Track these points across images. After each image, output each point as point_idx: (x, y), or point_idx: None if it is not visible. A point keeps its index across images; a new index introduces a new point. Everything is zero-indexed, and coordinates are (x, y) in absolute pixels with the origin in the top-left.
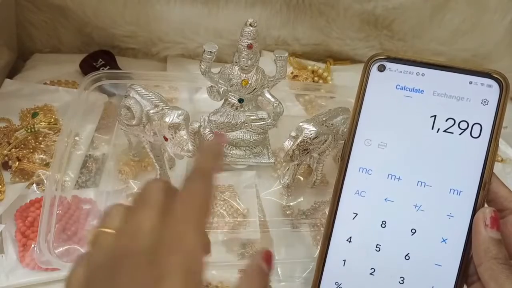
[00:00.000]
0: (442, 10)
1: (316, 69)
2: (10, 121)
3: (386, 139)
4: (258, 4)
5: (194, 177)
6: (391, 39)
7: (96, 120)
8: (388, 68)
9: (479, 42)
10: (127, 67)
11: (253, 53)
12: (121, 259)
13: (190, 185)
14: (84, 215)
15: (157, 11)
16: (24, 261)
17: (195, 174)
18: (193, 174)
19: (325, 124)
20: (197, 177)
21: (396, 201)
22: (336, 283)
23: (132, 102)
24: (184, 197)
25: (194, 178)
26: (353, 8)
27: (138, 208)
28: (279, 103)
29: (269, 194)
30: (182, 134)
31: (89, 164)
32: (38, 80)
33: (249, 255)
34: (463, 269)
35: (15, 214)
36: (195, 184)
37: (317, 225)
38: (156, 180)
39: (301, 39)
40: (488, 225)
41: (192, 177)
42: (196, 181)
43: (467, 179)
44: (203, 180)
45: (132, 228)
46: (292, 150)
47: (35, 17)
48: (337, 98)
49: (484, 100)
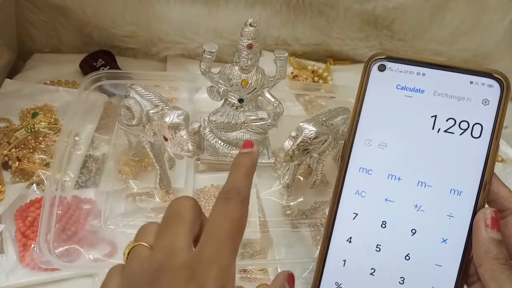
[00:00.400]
0: (442, 10)
1: (316, 69)
2: (10, 121)
3: (386, 139)
4: (258, 4)
5: (231, 197)
6: (391, 39)
7: (96, 120)
8: (388, 68)
9: (479, 42)
10: (127, 67)
11: (253, 53)
12: (159, 273)
13: (228, 206)
14: (84, 215)
15: (157, 11)
16: (24, 261)
17: (232, 194)
18: (230, 194)
19: (325, 124)
20: (234, 197)
21: (396, 201)
22: (336, 283)
23: (132, 102)
24: (221, 218)
25: (231, 199)
26: (353, 8)
27: (170, 226)
28: (279, 103)
29: (269, 194)
30: (182, 134)
31: (89, 164)
32: (38, 80)
33: (249, 255)
34: (463, 269)
35: (15, 214)
36: (232, 206)
37: (317, 225)
38: (185, 198)
39: (301, 39)
40: (488, 226)
41: (228, 197)
42: (232, 202)
43: (468, 179)
44: (239, 202)
45: (168, 243)
46: (292, 150)
47: (35, 17)
48: (337, 98)
49: (485, 100)
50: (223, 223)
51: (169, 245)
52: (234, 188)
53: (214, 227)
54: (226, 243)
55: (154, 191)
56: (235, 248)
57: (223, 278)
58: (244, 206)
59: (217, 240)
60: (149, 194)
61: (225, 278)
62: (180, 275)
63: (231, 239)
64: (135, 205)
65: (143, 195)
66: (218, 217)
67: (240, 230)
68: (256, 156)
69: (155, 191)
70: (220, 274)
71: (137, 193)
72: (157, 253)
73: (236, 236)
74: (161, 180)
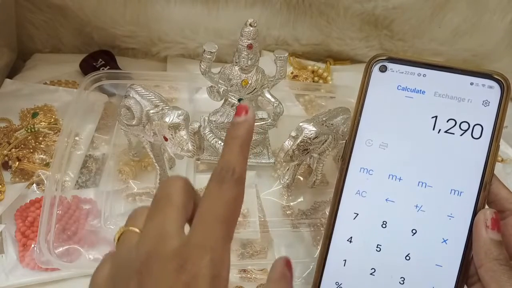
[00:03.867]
0: (442, 10)
1: (316, 69)
2: (10, 121)
3: (387, 140)
4: (258, 4)
5: (224, 177)
6: (391, 39)
7: (96, 120)
8: (389, 69)
9: (479, 42)
10: (127, 67)
11: (253, 53)
12: (148, 261)
13: (221, 187)
14: (84, 215)
15: (157, 11)
16: (24, 261)
17: (226, 174)
18: (224, 173)
19: (325, 124)
20: (227, 177)
21: (397, 201)
22: (337, 283)
23: (132, 102)
24: (213, 200)
25: (225, 180)
26: (353, 8)
27: (159, 209)
28: (279, 103)
29: (269, 194)
30: (182, 134)
31: (89, 164)
32: (38, 80)
33: (249, 255)
34: (463, 269)
35: (15, 214)
36: (225, 187)
37: (317, 225)
38: (175, 178)
39: (301, 39)
40: (489, 227)
41: (222, 176)
42: (226, 183)
43: (468, 180)
44: (234, 182)
45: (156, 229)
46: (292, 150)
47: (35, 17)
48: (337, 98)
49: (485, 101)
50: (216, 206)
51: (157, 231)
52: (228, 166)
53: (206, 210)
54: (219, 228)
55: (154, 191)
56: (230, 233)
57: (216, 265)
58: (239, 186)
59: (209, 224)
60: (149, 194)
61: (219, 266)
62: (170, 263)
63: (224, 224)
64: (135, 205)
65: (143, 195)
66: (211, 200)
67: (234, 213)
68: (252, 123)
69: (155, 191)
70: (213, 262)
71: (137, 193)
72: (145, 239)
73: (231, 220)
74: (161, 180)
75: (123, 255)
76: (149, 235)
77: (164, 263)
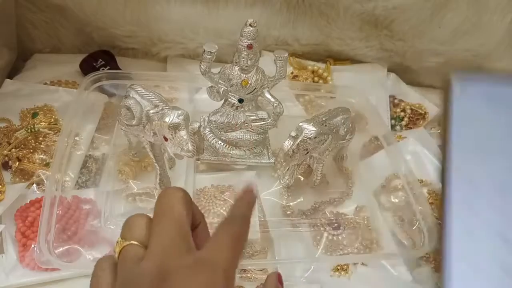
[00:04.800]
0: (442, 10)
1: (316, 69)
2: (10, 121)
3: None
4: (258, 4)
5: (234, 221)
6: (391, 39)
7: (96, 120)
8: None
9: (479, 42)
10: (127, 67)
11: (253, 53)
12: (162, 277)
13: (231, 227)
14: (84, 215)
15: (157, 11)
16: (24, 261)
17: (235, 218)
18: (233, 218)
19: (325, 124)
20: (238, 220)
21: None
22: None
23: (132, 102)
24: (224, 239)
25: (234, 222)
26: (353, 8)
27: (163, 222)
28: (279, 103)
29: (269, 194)
30: (182, 134)
31: (89, 164)
32: (38, 80)
33: (249, 255)
34: None
35: (15, 214)
36: (235, 227)
37: (317, 225)
38: (175, 190)
39: (301, 39)
40: None
41: (232, 221)
42: (236, 224)
43: None
44: (243, 224)
45: (163, 243)
46: (292, 150)
47: (35, 17)
48: (337, 98)
49: None
50: (226, 245)
51: (165, 245)
52: (236, 212)
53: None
54: (230, 247)
55: (154, 191)
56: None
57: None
58: (245, 227)
59: (222, 244)
60: (149, 194)
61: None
62: (188, 278)
63: (235, 246)
64: (135, 205)
65: (143, 195)
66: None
67: (240, 253)
68: None
69: (155, 191)
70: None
71: (137, 193)
72: (154, 255)
73: (237, 257)
74: (161, 180)
75: (129, 269)
76: (158, 251)
77: (182, 277)
